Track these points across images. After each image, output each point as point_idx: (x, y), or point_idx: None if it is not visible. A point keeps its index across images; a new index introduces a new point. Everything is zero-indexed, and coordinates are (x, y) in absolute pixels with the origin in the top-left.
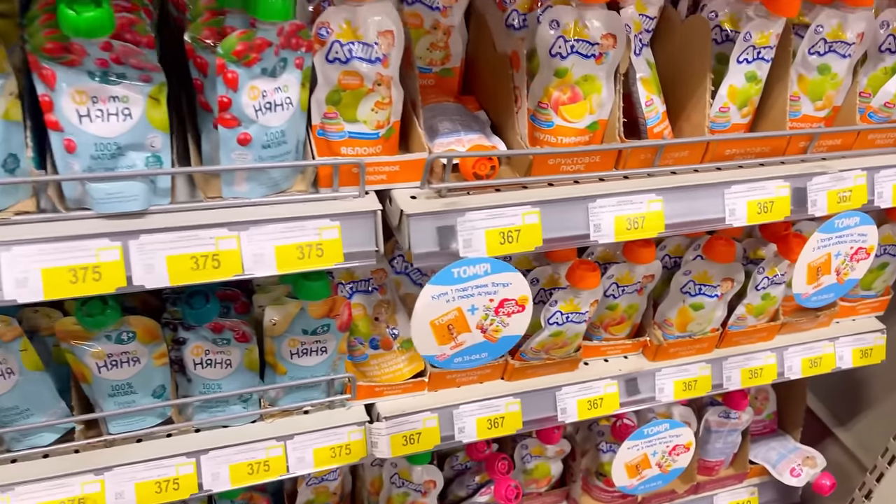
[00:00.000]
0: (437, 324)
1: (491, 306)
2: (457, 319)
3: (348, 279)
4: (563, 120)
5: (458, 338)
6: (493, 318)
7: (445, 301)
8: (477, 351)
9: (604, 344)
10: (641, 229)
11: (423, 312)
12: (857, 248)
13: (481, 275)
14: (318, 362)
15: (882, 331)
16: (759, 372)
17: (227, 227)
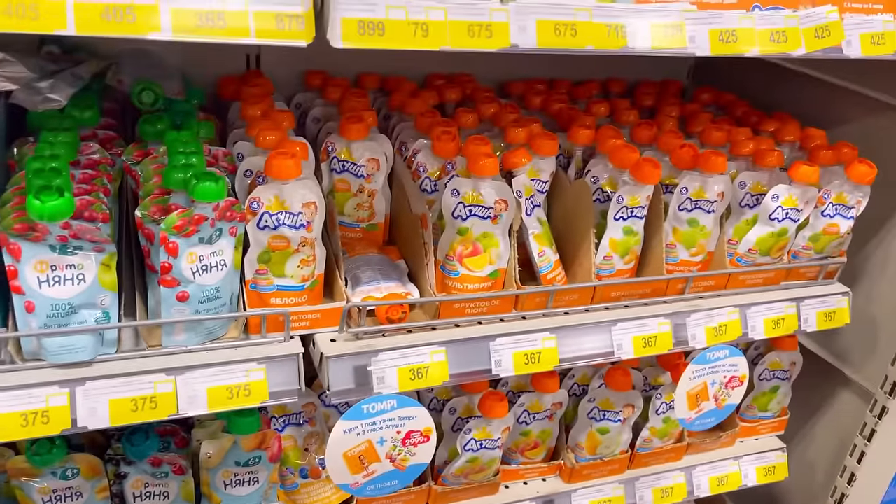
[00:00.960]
0: (350, 455)
1: (398, 438)
2: (367, 451)
3: (281, 413)
4: (467, 269)
5: (369, 467)
6: (401, 448)
7: (356, 434)
8: (388, 479)
9: (521, 468)
10: (538, 364)
11: (335, 445)
12: (731, 377)
13: (388, 410)
14: (251, 492)
15: (782, 449)
16: (671, 491)
17: (164, 372)
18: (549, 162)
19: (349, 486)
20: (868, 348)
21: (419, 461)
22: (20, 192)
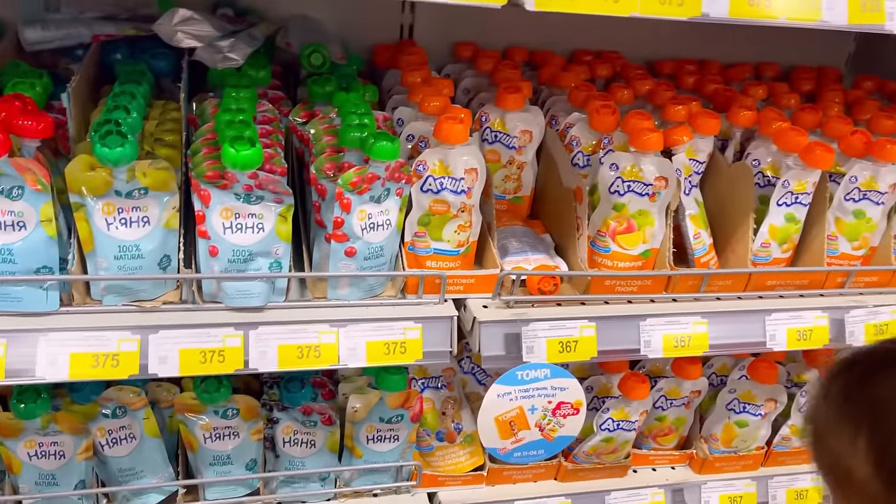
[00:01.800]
0: (501, 420)
1: (549, 407)
2: (518, 417)
3: (421, 375)
4: (619, 247)
5: (518, 434)
6: (551, 418)
7: (509, 400)
8: (534, 447)
9: (652, 453)
10: (687, 347)
11: (489, 408)
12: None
13: (541, 378)
14: (391, 449)
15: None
16: (805, 494)
17: (328, 323)
18: (707, 142)
19: (497, 451)
20: None
21: (567, 433)
22: (209, 143)
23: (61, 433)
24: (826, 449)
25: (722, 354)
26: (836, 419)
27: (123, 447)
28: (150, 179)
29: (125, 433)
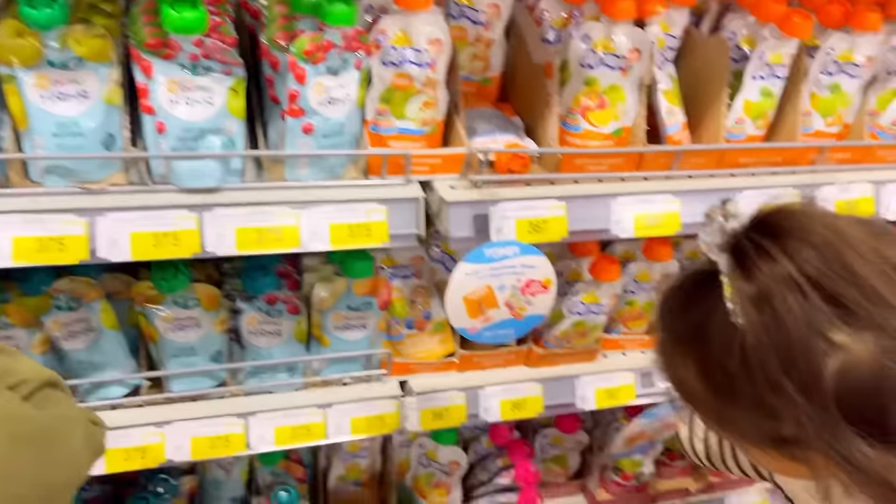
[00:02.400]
0: (469, 299)
1: (518, 286)
2: (487, 296)
3: (389, 264)
4: (591, 125)
5: (487, 313)
6: (520, 297)
7: (477, 278)
8: (504, 327)
9: (622, 338)
10: (659, 227)
11: (457, 287)
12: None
13: (510, 256)
14: (359, 337)
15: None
16: None
17: (288, 205)
18: (682, 14)
19: (466, 330)
20: None
21: (537, 311)
22: (150, 11)
23: (13, 326)
24: (671, 372)
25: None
26: (670, 343)
27: (81, 340)
28: (85, 48)
29: (82, 326)
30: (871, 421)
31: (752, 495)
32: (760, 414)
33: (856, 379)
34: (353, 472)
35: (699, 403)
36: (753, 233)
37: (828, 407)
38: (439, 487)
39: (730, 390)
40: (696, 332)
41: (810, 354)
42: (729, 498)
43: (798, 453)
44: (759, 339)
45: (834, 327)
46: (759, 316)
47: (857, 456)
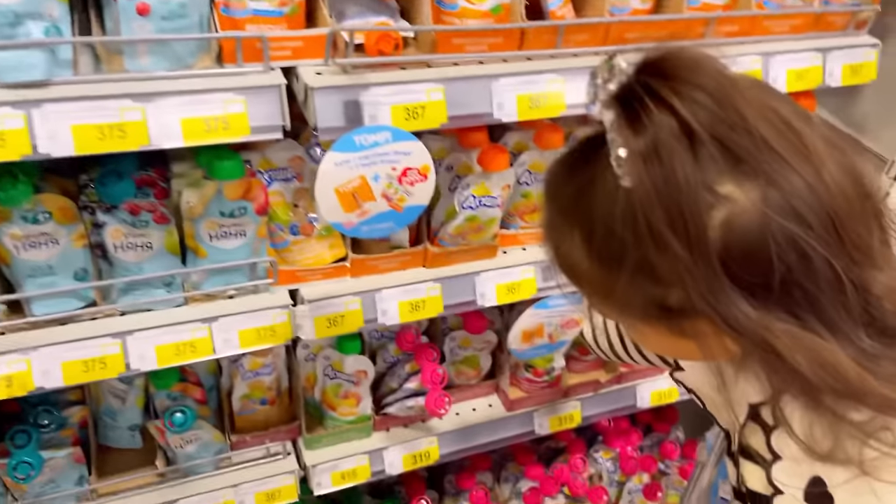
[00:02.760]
0: (342, 191)
1: (394, 175)
2: (361, 188)
3: (266, 167)
4: (468, 2)
5: (363, 206)
6: (397, 186)
7: (348, 168)
8: (383, 220)
9: (520, 232)
10: (543, 108)
11: (326, 179)
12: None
13: (382, 143)
14: (238, 245)
15: None
16: None
17: (131, 98)
18: None
19: (342, 225)
20: (889, 112)
21: (417, 202)
22: None
23: None
24: (558, 249)
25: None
26: (554, 217)
27: None
28: None
29: None
30: (754, 278)
31: (662, 383)
32: (646, 280)
33: (740, 232)
34: (257, 391)
35: (585, 280)
36: (643, 77)
37: (711, 262)
38: (348, 398)
39: (615, 257)
40: (581, 199)
41: (697, 206)
42: (640, 387)
43: (686, 326)
44: (645, 194)
45: (722, 178)
46: (647, 170)
47: (739, 317)
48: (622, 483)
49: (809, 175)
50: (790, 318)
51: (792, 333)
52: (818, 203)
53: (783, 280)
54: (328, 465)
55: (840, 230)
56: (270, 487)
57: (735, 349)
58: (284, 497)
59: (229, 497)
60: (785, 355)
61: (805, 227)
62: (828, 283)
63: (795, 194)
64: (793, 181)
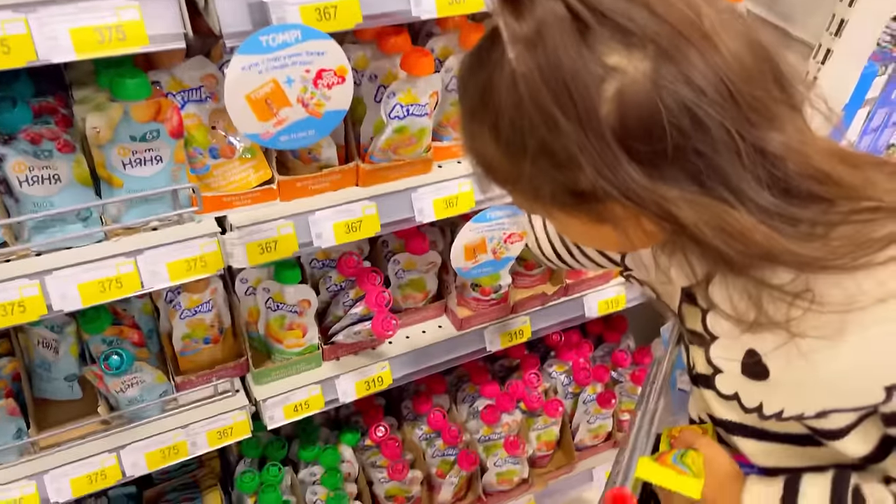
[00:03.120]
0: (254, 98)
1: (308, 77)
2: (274, 93)
3: (178, 88)
4: None
5: (279, 113)
6: (314, 90)
7: (258, 72)
8: (302, 128)
9: (454, 144)
10: (465, 2)
11: (235, 86)
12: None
13: (292, 42)
14: (156, 172)
15: None
16: None
17: (11, 8)
18: None
19: (258, 136)
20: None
21: (336, 107)
22: None
23: None
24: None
25: None
26: (465, 119)
27: None
28: None
29: None
30: (649, 147)
31: (608, 292)
32: (549, 165)
33: (631, 102)
34: (198, 330)
35: (499, 174)
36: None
37: (605, 137)
38: (293, 329)
39: (518, 145)
40: (484, 93)
41: (585, 82)
42: (587, 297)
43: (601, 210)
44: (532, 76)
45: (610, 51)
46: (532, 52)
47: (637, 189)
48: (577, 394)
49: (700, 42)
50: (692, 184)
51: (693, 201)
52: (710, 70)
53: (678, 146)
54: (279, 399)
55: (735, 95)
56: (222, 425)
57: (654, 232)
58: (237, 433)
59: (180, 438)
60: (689, 226)
61: (698, 94)
62: (724, 145)
63: (686, 61)
64: (683, 49)
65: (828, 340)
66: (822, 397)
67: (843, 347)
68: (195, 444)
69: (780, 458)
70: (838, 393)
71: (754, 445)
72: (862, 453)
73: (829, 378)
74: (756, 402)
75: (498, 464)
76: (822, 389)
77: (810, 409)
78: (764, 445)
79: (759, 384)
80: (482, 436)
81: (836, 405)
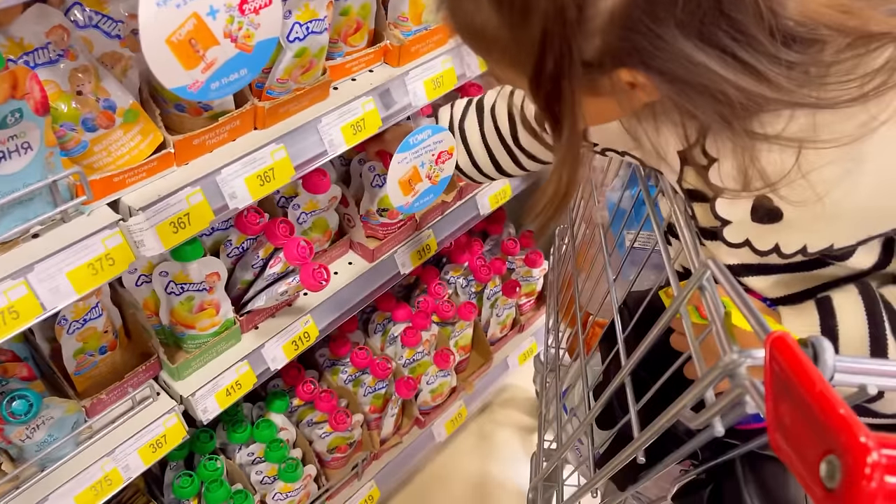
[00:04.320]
0: (177, 42)
1: (233, 4)
2: (198, 30)
3: (18, 51)
4: None
5: (206, 55)
6: (240, 19)
7: (175, 6)
8: (234, 68)
9: (347, 60)
10: None
11: (151, 30)
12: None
13: None
14: (26, 164)
15: None
16: None
17: None
18: None
19: (186, 89)
20: None
21: (267, 34)
22: None
23: None
24: (459, 13)
25: None
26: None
27: None
28: None
29: None
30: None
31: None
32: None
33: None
34: (91, 341)
35: (497, 47)
36: None
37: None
38: (205, 309)
39: (530, 11)
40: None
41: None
42: (478, 196)
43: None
44: None
45: None
46: None
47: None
48: (479, 292)
49: None
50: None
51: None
52: None
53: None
54: (208, 388)
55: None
56: (153, 436)
57: (649, 97)
58: (173, 440)
59: (110, 466)
60: (713, 89)
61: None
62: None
63: None
64: None
65: (844, 173)
66: (849, 228)
67: (862, 178)
68: (128, 468)
69: (790, 286)
70: (866, 222)
71: (763, 281)
72: (868, 265)
73: (853, 209)
74: (771, 244)
75: (430, 381)
76: (848, 221)
77: (840, 240)
78: (772, 278)
79: (772, 226)
80: (406, 360)
81: (867, 233)
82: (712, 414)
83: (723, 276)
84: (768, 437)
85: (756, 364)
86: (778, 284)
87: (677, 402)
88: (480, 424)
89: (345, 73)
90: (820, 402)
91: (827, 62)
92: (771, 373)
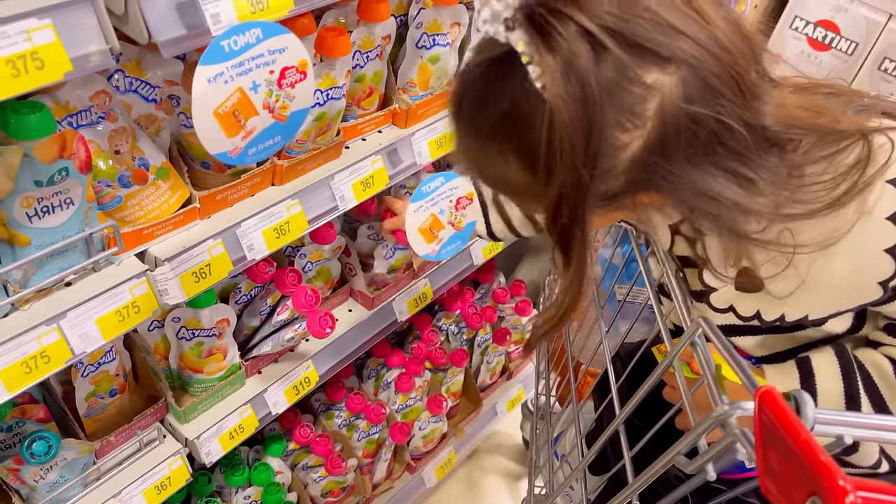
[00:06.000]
0: (222, 113)
1: (273, 79)
2: (241, 102)
3: (63, 113)
4: None
5: (246, 124)
6: (278, 92)
7: (224, 82)
8: (269, 136)
9: (359, 122)
10: None
11: (203, 102)
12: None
13: (254, 43)
14: (67, 218)
15: None
16: None
17: None
18: None
19: (227, 155)
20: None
21: (300, 106)
22: None
23: None
24: (487, 174)
25: None
26: (479, 144)
27: None
28: None
29: None
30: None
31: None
32: (588, 181)
33: (669, 113)
34: (103, 384)
35: (522, 192)
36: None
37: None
38: (213, 354)
39: (554, 168)
40: (507, 121)
41: (630, 104)
42: (473, 247)
43: (626, 202)
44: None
45: (643, 71)
46: (566, 85)
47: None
48: (470, 339)
49: (711, 45)
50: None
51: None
52: (724, 70)
53: (706, 142)
54: (212, 431)
55: (742, 86)
56: (159, 478)
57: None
58: (177, 482)
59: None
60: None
61: (718, 96)
62: (738, 132)
63: (705, 68)
64: (701, 57)
65: (819, 254)
66: (822, 302)
67: (835, 259)
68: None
69: (773, 345)
70: (838, 298)
71: (748, 340)
72: (842, 330)
73: (827, 286)
74: (752, 311)
75: (422, 427)
76: (822, 296)
77: (814, 313)
78: (757, 339)
79: (754, 296)
80: (399, 405)
81: (838, 307)
82: (706, 460)
83: (713, 334)
84: (759, 480)
85: (745, 415)
86: (763, 345)
87: (673, 448)
88: (468, 470)
89: (356, 134)
90: (804, 450)
91: (799, 163)
92: (760, 423)
